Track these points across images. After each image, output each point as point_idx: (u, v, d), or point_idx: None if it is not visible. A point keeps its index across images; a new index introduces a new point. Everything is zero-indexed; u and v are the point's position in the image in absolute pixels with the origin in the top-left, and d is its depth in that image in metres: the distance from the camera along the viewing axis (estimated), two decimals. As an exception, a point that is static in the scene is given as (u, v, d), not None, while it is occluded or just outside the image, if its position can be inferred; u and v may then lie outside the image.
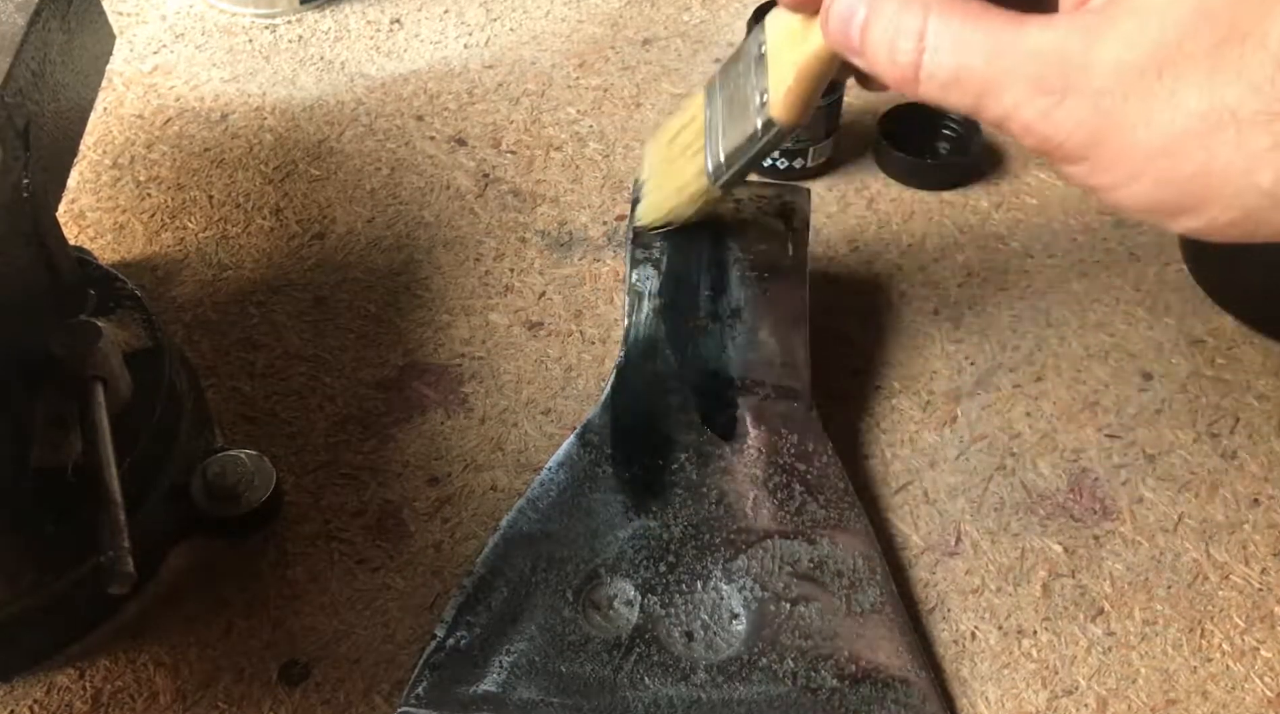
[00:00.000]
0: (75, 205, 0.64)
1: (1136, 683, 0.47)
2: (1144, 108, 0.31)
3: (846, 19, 0.37)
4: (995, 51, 0.33)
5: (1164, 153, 0.31)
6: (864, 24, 0.36)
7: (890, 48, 0.36)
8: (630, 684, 0.45)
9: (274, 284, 0.61)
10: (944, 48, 0.34)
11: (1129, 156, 0.32)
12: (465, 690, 0.45)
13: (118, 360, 0.48)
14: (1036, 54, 0.33)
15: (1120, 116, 0.31)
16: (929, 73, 0.35)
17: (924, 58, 0.35)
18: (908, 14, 0.35)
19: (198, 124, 0.69)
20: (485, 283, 0.61)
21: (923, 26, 0.35)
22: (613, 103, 0.71)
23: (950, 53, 0.34)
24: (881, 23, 0.36)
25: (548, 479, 0.50)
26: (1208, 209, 0.32)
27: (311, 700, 0.46)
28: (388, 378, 0.57)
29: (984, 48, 0.34)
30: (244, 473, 0.50)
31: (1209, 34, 0.30)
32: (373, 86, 0.72)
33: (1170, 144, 0.31)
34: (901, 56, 0.35)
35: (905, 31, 0.35)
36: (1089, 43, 0.32)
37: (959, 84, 0.34)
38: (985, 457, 0.54)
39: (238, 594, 0.49)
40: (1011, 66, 0.33)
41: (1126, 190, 0.33)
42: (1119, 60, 0.31)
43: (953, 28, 0.34)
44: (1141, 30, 0.31)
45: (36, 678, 0.46)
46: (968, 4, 0.35)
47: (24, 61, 0.41)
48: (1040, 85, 0.32)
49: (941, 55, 0.34)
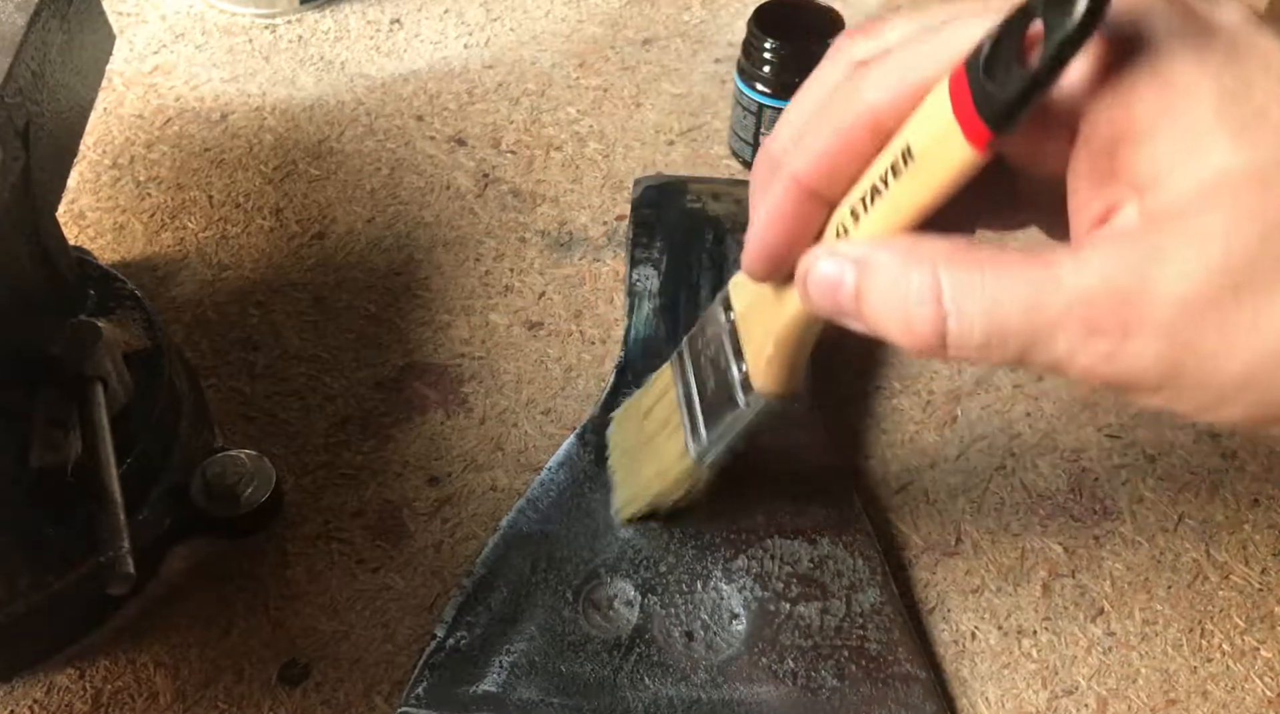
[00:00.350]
0: (75, 205, 0.64)
1: (1136, 683, 0.47)
2: (1223, 336, 0.28)
3: (832, 287, 0.33)
4: (1032, 302, 0.29)
5: (1254, 378, 0.28)
6: (856, 291, 0.32)
7: (902, 316, 0.31)
8: (630, 684, 0.45)
9: (274, 284, 0.61)
10: (969, 308, 0.30)
11: (1214, 385, 0.28)
12: (465, 691, 0.45)
13: (117, 360, 0.48)
14: (1083, 297, 0.28)
15: (1198, 348, 0.28)
16: (958, 338, 0.30)
17: (948, 323, 0.30)
18: (914, 273, 0.30)
19: (197, 124, 0.69)
20: (485, 283, 0.61)
21: (936, 286, 0.30)
22: (613, 103, 0.71)
23: (979, 313, 0.30)
24: (881, 287, 0.31)
25: (548, 479, 0.50)
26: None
27: (311, 700, 0.46)
28: (388, 378, 0.57)
29: (1017, 300, 0.29)
30: (244, 473, 0.50)
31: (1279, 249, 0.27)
32: (373, 86, 0.72)
33: (1260, 369, 0.28)
34: (920, 325, 0.30)
35: (917, 296, 0.30)
36: (1143, 275, 0.28)
37: (997, 343, 0.30)
38: (985, 457, 0.54)
39: (238, 594, 0.49)
40: (1057, 316, 0.29)
41: (1216, 414, 0.29)
42: (1185, 292, 0.27)
43: (973, 282, 0.30)
44: (1204, 256, 0.27)
45: (36, 678, 0.46)
46: (976, 251, 0.30)
47: (24, 61, 0.41)
48: (1096, 329, 0.28)
49: (969, 317, 0.30)
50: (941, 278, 0.30)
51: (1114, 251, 0.29)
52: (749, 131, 0.65)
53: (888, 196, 0.32)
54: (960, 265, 0.30)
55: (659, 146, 0.68)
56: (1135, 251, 0.28)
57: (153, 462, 0.48)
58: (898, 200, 0.32)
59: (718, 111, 0.70)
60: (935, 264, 0.30)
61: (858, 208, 0.33)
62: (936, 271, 0.30)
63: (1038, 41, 0.28)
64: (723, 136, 0.69)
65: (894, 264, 0.31)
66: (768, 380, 0.40)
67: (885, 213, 0.32)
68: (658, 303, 0.54)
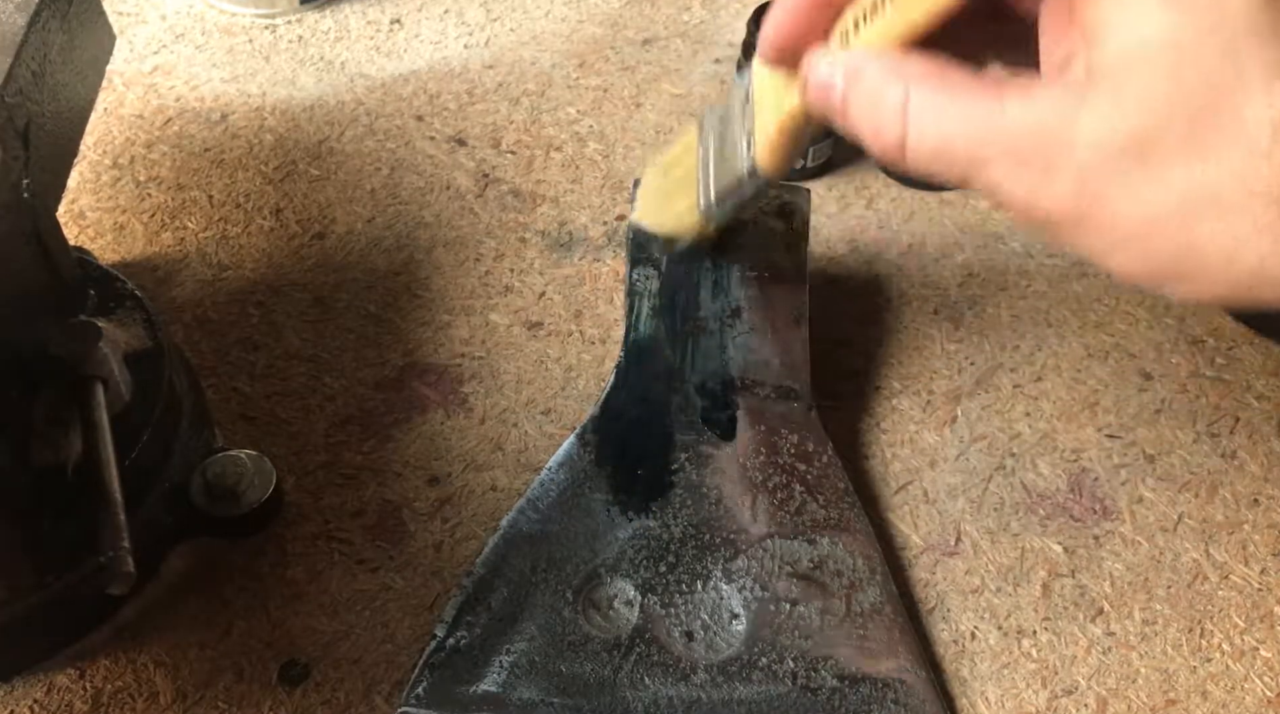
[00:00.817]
0: (75, 205, 0.64)
1: (1136, 683, 0.47)
2: (1127, 185, 0.31)
3: (826, 88, 0.37)
4: (977, 127, 0.33)
5: (1149, 229, 0.31)
6: (843, 95, 0.36)
7: (873, 122, 0.35)
8: (630, 684, 0.45)
9: (274, 284, 0.61)
10: (926, 123, 0.34)
11: (1115, 229, 0.32)
12: (465, 691, 0.45)
13: (118, 360, 0.48)
14: (1018, 130, 0.32)
15: (1104, 192, 0.31)
16: (914, 151, 0.34)
17: (908, 136, 0.34)
18: (889, 87, 0.34)
19: (198, 124, 0.69)
20: (485, 283, 0.61)
21: (904, 100, 0.34)
22: (613, 103, 0.71)
23: (933, 128, 0.34)
24: (862, 95, 0.35)
25: (548, 479, 0.50)
26: (1196, 282, 0.32)
27: (311, 700, 0.46)
28: (388, 378, 0.57)
29: (965, 123, 0.33)
30: (244, 473, 0.50)
31: (1186, 114, 0.30)
32: (373, 86, 0.72)
33: (1155, 222, 0.31)
34: (885, 133, 0.35)
35: (888, 106, 0.34)
36: (1069, 120, 0.31)
37: (943, 159, 0.34)
38: (985, 457, 0.54)
39: (238, 594, 0.49)
40: (994, 142, 0.33)
41: (1114, 259, 0.32)
42: (1099, 139, 0.31)
43: (935, 102, 0.34)
44: (1120, 110, 0.31)
45: (36, 678, 0.46)
46: (948, 74, 0.34)
47: (24, 61, 0.41)
48: (1023, 161, 0.32)
49: (925, 130, 0.34)
50: (910, 95, 0.34)
51: (1053, 94, 0.32)
52: (749, 131, 0.65)
53: (887, 13, 0.36)
54: (929, 86, 0.34)
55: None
56: (1069, 98, 0.31)
57: (153, 462, 0.48)
58: (895, 18, 0.35)
59: (718, 111, 0.70)
60: (909, 81, 0.34)
61: (859, 18, 0.37)
62: (908, 88, 0.34)
63: None
64: (723, 136, 0.69)
65: (877, 76, 0.35)
66: (767, 159, 0.44)
67: (883, 28, 0.36)
68: (658, 303, 0.54)
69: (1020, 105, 0.32)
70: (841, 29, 0.38)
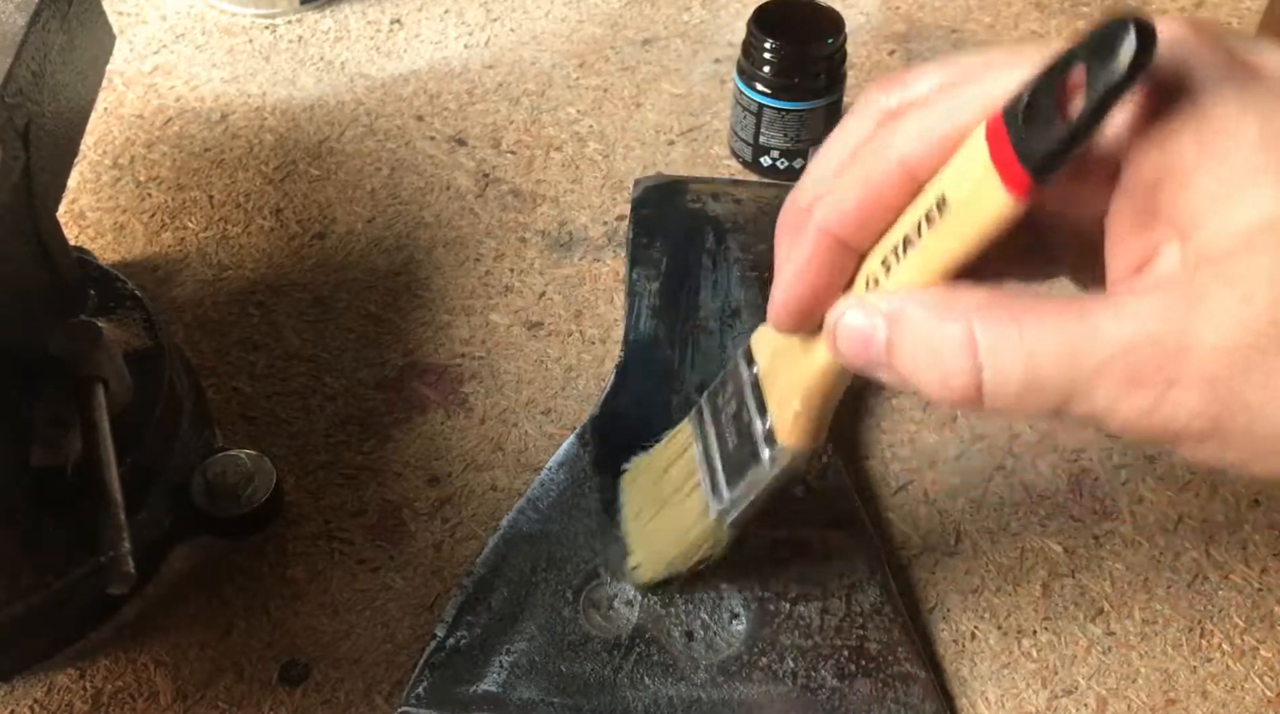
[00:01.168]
0: (75, 205, 0.64)
1: (1136, 683, 0.47)
2: (1268, 387, 0.27)
3: (864, 340, 0.32)
4: (1070, 354, 0.28)
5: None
6: (888, 344, 0.31)
7: (936, 369, 0.30)
8: (630, 684, 0.45)
9: (274, 284, 0.61)
10: (1005, 359, 0.29)
11: (1261, 436, 0.28)
12: (465, 690, 0.45)
13: (118, 360, 0.48)
14: (1123, 348, 0.28)
15: (1241, 398, 0.27)
16: (994, 390, 0.29)
17: (984, 376, 0.29)
18: (949, 325, 0.30)
19: (198, 124, 0.69)
20: (485, 283, 0.61)
21: (970, 339, 0.29)
22: (613, 103, 0.71)
23: (1013, 363, 0.29)
24: (914, 341, 0.31)
25: (548, 479, 0.50)
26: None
27: (311, 701, 0.46)
28: (388, 378, 0.57)
29: (1055, 352, 0.28)
30: (244, 473, 0.50)
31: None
32: (373, 86, 0.72)
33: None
34: (955, 379, 0.30)
35: (950, 346, 0.30)
36: (1185, 325, 0.27)
37: (1033, 394, 0.29)
38: (985, 457, 0.54)
39: (238, 594, 0.49)
40: (1096, 368, 0.28)
41: (1265, 465, 0.28)
42: (1225, 340, 0.27)
43: (1008, 333, 0.29)
44: (1247, 303, 0.26)
45: (36, 678, 0.46)
46: (1012, 301, 0.29)
47: (24, 62, 0.41)
48: (1136, 381, 0.28)
49: (1005, 370, 0.29)
50: (976, 330, 0.29)
51: (1153, 300, 0.28)
52: (749, 131, 0.65)
53: (921, 247, 0.31)
54: (995, 317, 0.29)
55: (659, 146, 0.68)
56: (1176, 300, 0.27)
57: (153, 462, 0.48)
58: (931, 251, 0.31)
59: (718, 112, 0.70)
60: (969, 316, 0.29)
61: (889, 258, 0.33)
62: (971, 323, 0.29)
63: (1079, 89, 0.27)
64: (723, 136, 0.69)
65: (928, 317, 0.30)
66: (793, 434, 0.39)
67: (918, 263, 0.32)
68: (657, 303, 0.55)
69: (1113, 320, 0.28)
70: (866, 276, 0.34)
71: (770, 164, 0.66)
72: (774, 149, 0.65)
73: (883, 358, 0.32)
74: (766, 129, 0.65)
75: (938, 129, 0.31)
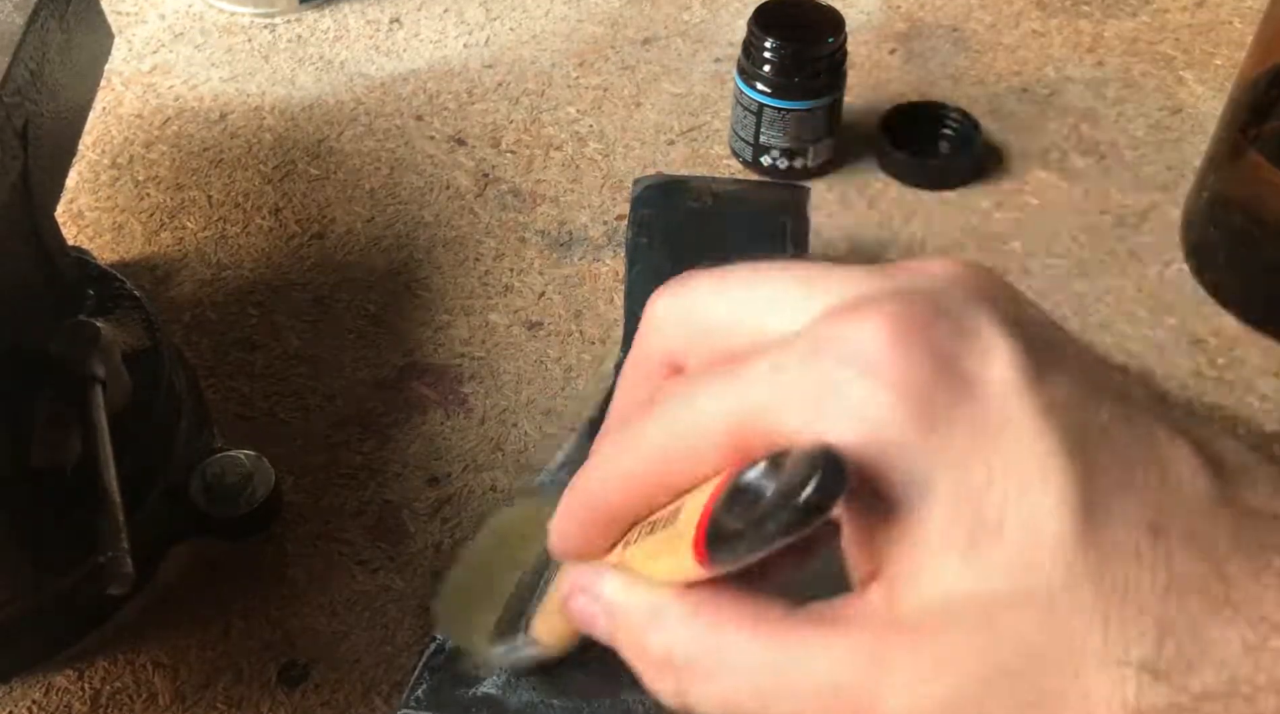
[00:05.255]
0: (74, 205, 0.64)
1: None
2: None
3: (591, 621, 0.32)
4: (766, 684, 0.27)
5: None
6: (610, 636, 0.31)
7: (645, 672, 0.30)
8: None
9: (273, 284, 0.60)
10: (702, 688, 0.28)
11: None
12: (465, 693, 0.45)
13: (117, 360, 0.48)
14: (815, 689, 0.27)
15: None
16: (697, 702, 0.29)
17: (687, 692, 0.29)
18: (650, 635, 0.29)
19: (196, 124, 0.69)
20: (485, 283, 0.61)
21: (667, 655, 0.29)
22: (613, 103, 0.71)
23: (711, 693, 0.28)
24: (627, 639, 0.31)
25: (548, 480, 0.50)
26: None
27: (310, 702, 0.46)
28: (387, 378, 0.57)
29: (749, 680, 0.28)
30: (244, 473, 0.50)
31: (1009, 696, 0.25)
32: (372, 86, 0.72)
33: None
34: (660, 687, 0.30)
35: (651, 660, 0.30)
36: (874, 686, 0.26)
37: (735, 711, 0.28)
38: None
39: (237, 594, 0.49)
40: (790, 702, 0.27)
41: None
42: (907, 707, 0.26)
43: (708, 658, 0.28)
44: (936, 678, 0.26)
45: (35, 679, 0.46)
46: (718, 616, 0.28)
47: (22, 61, 0.41)
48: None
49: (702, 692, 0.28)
50: (674, 649, 0.29)
51: (854, 644, 0.27)
52: (749, 131, 0.65)
53: (650, 544, 0.30)
54: (701, 634, 0.28)
55: (659, 146, 0.68)
56: (870, 657, 0.27)
57: (152, 462, 0.48)
58: (656, 552, 0.30)
59: (718, 111, 0.70)
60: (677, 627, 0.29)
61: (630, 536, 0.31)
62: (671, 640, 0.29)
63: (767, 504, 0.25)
64: (723, 136, 0.69)
65: (637, 623, 0.30)
66: (541, 630, 0.38)
67: (647, 554, 0.30)
68: (658, 303, 0.54)
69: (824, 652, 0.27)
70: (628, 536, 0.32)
71: (771, 163, 0.66)
72: (774, 148, 0.65)
73: (609, 641, 0.31)
74: (767, 128, 0.65)
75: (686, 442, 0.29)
